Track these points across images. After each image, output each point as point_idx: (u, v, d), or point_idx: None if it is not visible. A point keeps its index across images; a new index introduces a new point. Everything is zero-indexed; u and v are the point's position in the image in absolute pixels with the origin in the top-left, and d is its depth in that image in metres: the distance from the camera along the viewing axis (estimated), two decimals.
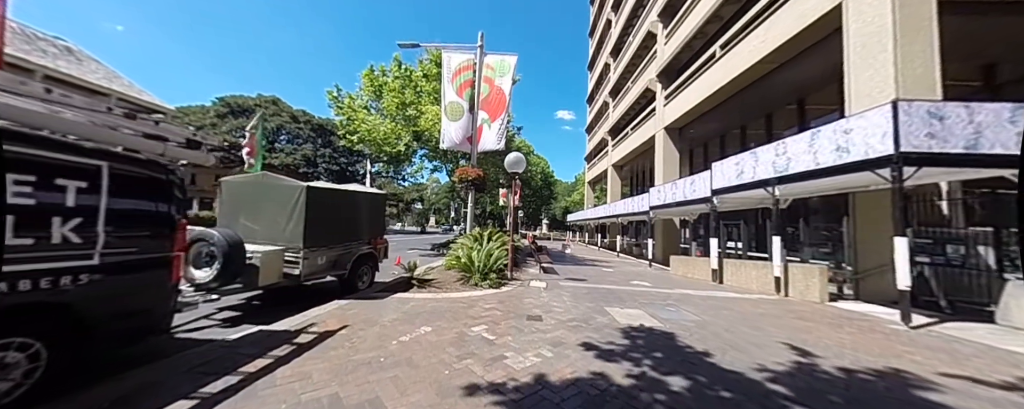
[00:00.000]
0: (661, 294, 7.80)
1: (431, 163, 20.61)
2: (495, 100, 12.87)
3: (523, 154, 9.07)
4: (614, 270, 13.22)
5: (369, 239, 7.00)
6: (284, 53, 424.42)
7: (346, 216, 6.39)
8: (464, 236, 11.28)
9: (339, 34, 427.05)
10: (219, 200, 5.74)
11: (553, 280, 9.15)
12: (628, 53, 24.72)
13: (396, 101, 14.81)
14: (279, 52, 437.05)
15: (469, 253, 8.26)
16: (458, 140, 12.86)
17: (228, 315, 5.03)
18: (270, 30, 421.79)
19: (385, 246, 7.48)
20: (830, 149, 6.97)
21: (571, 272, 11.39)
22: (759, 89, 13.79)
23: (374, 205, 7.26)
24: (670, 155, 19.01)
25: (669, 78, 19.16)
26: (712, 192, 10.86)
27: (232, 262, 4.46)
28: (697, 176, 12.07)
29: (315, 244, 5.56)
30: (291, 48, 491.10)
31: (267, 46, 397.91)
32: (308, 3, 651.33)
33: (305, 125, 37.56)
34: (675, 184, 13.53)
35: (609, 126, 28.34)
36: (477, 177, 12.03)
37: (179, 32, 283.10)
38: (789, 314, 6.20)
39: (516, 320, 4.91)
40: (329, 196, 6.07)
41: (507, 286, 7.62)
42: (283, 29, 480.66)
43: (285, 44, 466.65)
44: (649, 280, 10.47)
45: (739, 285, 9.80)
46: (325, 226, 5.80)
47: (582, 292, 7.48)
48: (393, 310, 5.17)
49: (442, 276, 8.35)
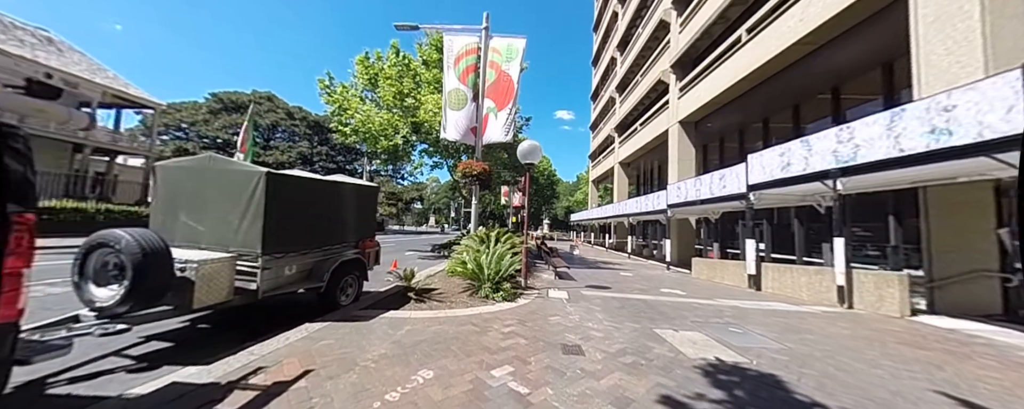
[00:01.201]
0: (707, 307, 6.43)
1: (431, 159, 19.19)
2: (502, 87, 11.49)
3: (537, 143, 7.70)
4: (632, 274, 11.86)
5: (356, 242, 5.62)
6: (282, 49, 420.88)
7: (325, 213, 5.00)
8: (468, 237, 9.90)
9: (339, 30, 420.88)
10: (152, 191, 4.35)
11: (573, 288, 7.78)
12: (637, 45, 23.40)
13: (393, 90, 13.41)
14: (277, 48, 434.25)
15: (476, 258, 6.89)
16: (461, 131, 11.48)
17: (154, 348, 3.64)
18: (268, 25, 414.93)
19: (376, 250, 6.09)
20: (921, 132, 5.63)
21: (588, 277, 10.03)
22: (788, 77, 12.46)
23: (363, 200, 5.88)
24: (685, 151, 17.67)
25: (684, 69, 17.84)
26: (748, 188, 9.52)
27: (148, 276, 3.08)
28: (727, 171, 10.73)
29: (280, 249, 4.17)
30: (289, 43, 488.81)
31: (265, 41, 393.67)
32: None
33: (301, 122, 36.07)
34: (699, 180, 12.19)
35: (616, 122, 27.00)
36: (483, 172, 10.65)
37: (178, 29, 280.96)
38: (885, 336, 4.86)
39: (549, 354, 3.54)
40: (301, 187, 4.69)
41: (523, 298, 6.25)
42: (281, 24, 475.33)
43: (283, 40, 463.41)
44: (678, 287, 9.12)
45: (783, 293, 8.45)
46: (295, 225, 4.42)
47: (614, 305, 6.11)
48: (381, 339, 3.79)
49: (444, 284, 6.96)
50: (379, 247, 6.15)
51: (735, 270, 10.29)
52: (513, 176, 21.01)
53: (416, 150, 18.11)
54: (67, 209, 15.27)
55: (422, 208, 73.12)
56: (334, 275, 4.82)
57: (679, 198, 13.56)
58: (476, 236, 9.81)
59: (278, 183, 4.11)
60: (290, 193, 4.36)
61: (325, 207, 5.00)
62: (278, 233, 4.10)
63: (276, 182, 4.07)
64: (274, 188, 4.02)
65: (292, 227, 4.35)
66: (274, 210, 4.02)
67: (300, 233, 4.50)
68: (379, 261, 6.20)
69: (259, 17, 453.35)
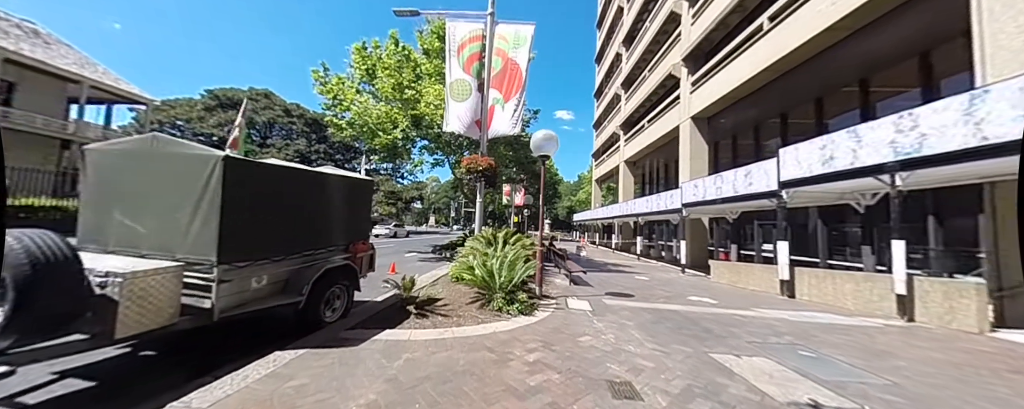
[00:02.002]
0: (754, 321, 5.53)
1: (432, 156, 18.23)
2: (509, 76, 10.58)
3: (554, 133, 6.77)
4: (648, 277, 10.96)
5: (346, 245, 4.70)
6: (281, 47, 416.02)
7: (306, 210, 4.08)
8: (473, 238, 8.99)
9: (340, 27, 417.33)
10: (82, 180, 3.42)
11: (593, 296, 6.88)
12: (644, 40, 22.51)
13: (392, 81, 12.47)
14: (277, 45, 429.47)
15: (484, 262, 5.98)
16: (465, 124, 10.55)
17: (69, 389, 2.72)
18: (268, 21, 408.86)
19: (370, 254, 5.17)
20: (1012, 116, 4.74)
21: (604, 282, 9.13)
22: (813, 68, 11.59)
23: (355, 196, 4.96)
24: (697, 148, 16.78)
25: (696, 62, 16.94)
26: (780, 184, 8.62)
27: (41, 296, 2.17)
28: (753, 166, 9.83)
29: (243, 256, 3.25)
30: (289, 40, 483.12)
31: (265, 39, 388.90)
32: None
33: (298, 119, 35.04)
34: (720, 177, 11.29)
35: (621, 119, 26.09)
36: (488, 167, 9.74)
37: (176, 28, 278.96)
38: (986, 360, 3.96)
39: (595, 397, 2.63)
40: (274, 178, 3.76)
41: (541, 310, 5.33)
42: (282, 21, 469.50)
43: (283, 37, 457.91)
44: (705, 293, 8.21)
45: (822, 301, 7.56)
46: (265, 226, 3.49)
47: (647, 319, 5.20)
48: (373, 375, 2.87)
49: (449, 293, 6.04)
50: (374, 250, 5.22)
51: (762, 275, 9.40)
52: (518, 174, 20.04)
53: (416, 147, 17.20)
54: (46, 208, 14.29)
55: (422, 208, 72.15)
56: (317, 286, 3.89)
57: (696, 197, 12.66)
58: (482, 237, 8.91)
59: (242, 171, 3.19)
60: (259, 184, 3.44)
61: (307, 203, 4.08)
62: (241, 235, 3.17)
63: (239, 169, 3.15)
64: (236, 177, 3.10)
65: (261, 228, 3.43)
66: (236, 205, 3.09)
67: (272, 235, 3.58)
68: (373, 267, 5.28)
69: (259, 13, 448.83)
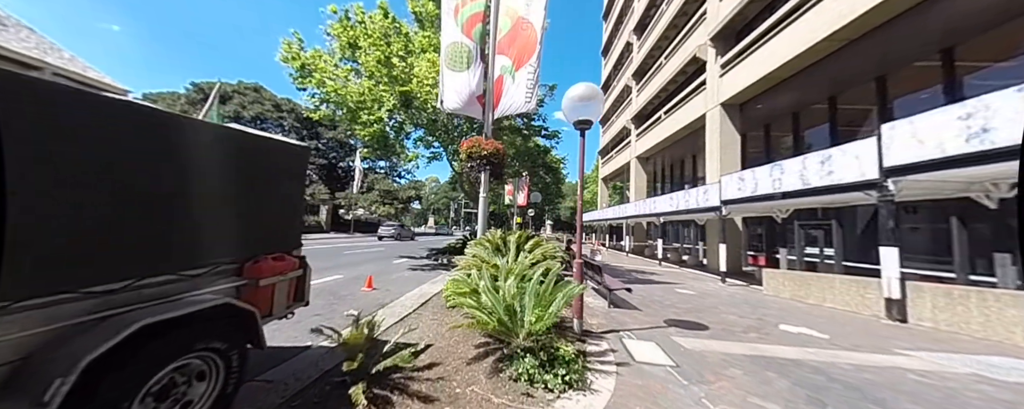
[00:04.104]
0: (933, 380, 3.24)
1: (428, 150, 15.92)
2: (521, 39, 8.26)
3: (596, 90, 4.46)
4: (694, 291, 8.67)
5: (238, 265, 2.40)
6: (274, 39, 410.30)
7: (115, 194, 1.77)
8: (476, 242, 6.67)
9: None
10: None
11: (654, 330, 4.59)
12: (660, 24, 20.29)
13: (378, 53, 10.17)
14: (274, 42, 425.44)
15: (495, 282, 3.71)
16: (464, 99, 8.23)
17: None
18: (267, 17, 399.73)
19: (297, 276, 2.84)
20: None
21: (650, 301, 6.85)
22: (881, 38, 9.41)
23: (266, 171, 2.65)
24: (728, 138, 14.54)
25: (726, 43, 14.73)
26: (885, 171, 6.35)
27: None
28: (834, 151, 7.57)
29: None
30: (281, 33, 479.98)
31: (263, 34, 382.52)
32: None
33: (289, 114, 32.55)
34: (779, 167, 9.02)
35: (633, 113, 23.85)
36: (495, 153, 7.46)
37: (176, 24, 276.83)
38: None
39: None
40: (32, 106, 1.43)
41: (594, 368, 3.05)
42: (280, 16, 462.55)
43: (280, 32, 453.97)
44: (791, 318, 5.93)
45: (963, 331, 5.30)
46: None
47: (781, 387, 2.93)
48: None
49: (440, 330, 3.74)
50: (305, 270, 2.90)
51: (846, 289, 7.14)
52: (529, 166, 17.66)
53: (409, 139, 14.89)
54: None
55: (421, 208, 69.76)
56: (113, 374, 1.58)
57: (741, 192, 10.38)
58: (487, 241, 6.60)
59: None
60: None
61: (126, 177, 1.78)
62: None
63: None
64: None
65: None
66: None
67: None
68: (305, 298, 2.94)
69: (257, 9, 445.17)
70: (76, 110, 1.64)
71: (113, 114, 1.81)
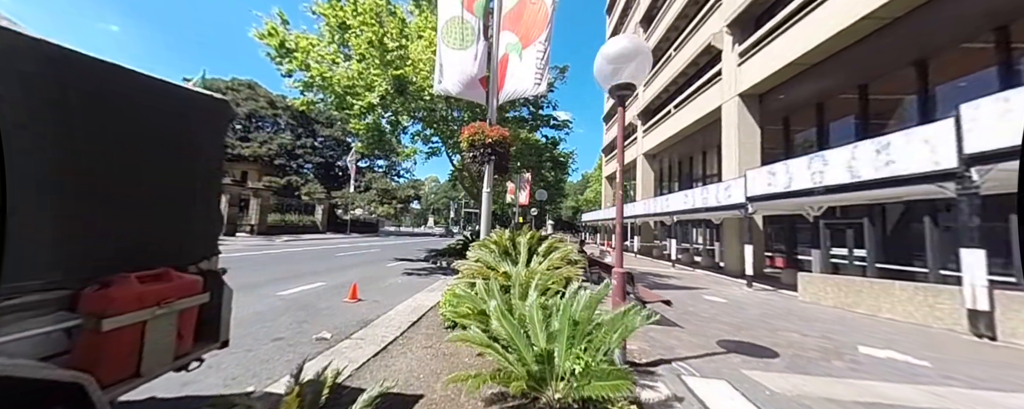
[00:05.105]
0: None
1: (426, 145, 14.85)
2: (529, 13, 7.18)
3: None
4: (726, 300, 7.60)
5: (61, 293, 1.33)
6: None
7: None
8: (480, 244, 5.56)
9: None
10: None
11: (712, 358, 3.52)
12: (669, 14, 19.27)
13: (369, 33, 9.08)
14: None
15: (510, 305, 2.66)
16: (465, 81, 7.15)
17: None
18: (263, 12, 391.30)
19: (196, 307, 1.77)
20: None
21: (688, 317, 5.78)
22: (925, 16, 8.41)
23: (137, 132, 1.60)
24: (748, 131, 13.46)
25: (745, 29, 13.67)
26: (967, 160, 5.30)
27: None
28: (895, 137, 6.50)
29: None
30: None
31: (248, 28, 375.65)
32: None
33: (284, 111, 31.37)
34: (820, 158, 7.96)
35: (639, 108, 22.80)
36: (500, 140, 6.39)
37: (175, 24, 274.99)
38: None
39: None
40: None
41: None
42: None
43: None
44: (866, 337, 4.86)
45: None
46: None
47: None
48: None
49: (435, 381, 2.67)
50: (219, 292, 1.81)
51: (912, 297, 6.08)
52: (534, 162, 16.44)
53: (406, 133, 13.82)
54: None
55: (420, 208, 68.65)
56: None
57: (772, 188, 9.31)
58: (492, 243, 5.51)
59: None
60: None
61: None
62: None
63: None
64: None
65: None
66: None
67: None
68: (220, 337, 1.86)
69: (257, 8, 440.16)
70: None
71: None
